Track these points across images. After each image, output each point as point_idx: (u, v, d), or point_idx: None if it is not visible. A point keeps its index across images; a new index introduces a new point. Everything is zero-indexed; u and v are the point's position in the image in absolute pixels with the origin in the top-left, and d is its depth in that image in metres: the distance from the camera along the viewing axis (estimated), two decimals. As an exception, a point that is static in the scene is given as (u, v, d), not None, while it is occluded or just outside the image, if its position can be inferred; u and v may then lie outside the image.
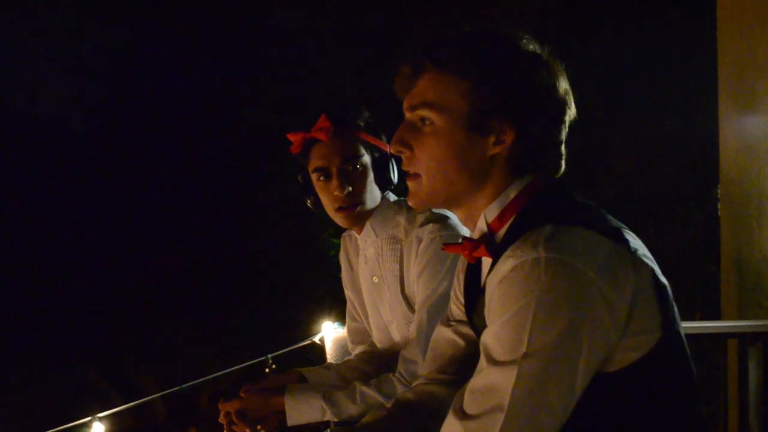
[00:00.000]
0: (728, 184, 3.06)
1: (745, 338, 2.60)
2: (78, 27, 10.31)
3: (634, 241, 1.25)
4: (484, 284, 1.32)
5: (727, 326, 2.76)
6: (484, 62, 1.29)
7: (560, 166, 1.37)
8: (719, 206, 3.26)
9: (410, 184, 1.37)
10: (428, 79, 1.32)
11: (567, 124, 1.36)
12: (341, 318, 2.90)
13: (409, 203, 1.39)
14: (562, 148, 1.36)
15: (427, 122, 1.32)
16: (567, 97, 1.34)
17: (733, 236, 3.01)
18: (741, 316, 2.91)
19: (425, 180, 1.34)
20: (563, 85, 1.33)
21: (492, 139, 1.30)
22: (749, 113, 2.91)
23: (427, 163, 1.32)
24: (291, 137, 2.05)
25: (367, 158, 2.03)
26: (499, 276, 1.21)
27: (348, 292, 2.30)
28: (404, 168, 1.38)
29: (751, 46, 2.89)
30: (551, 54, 1.34)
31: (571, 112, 1.36)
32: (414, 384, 1.68)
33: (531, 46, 1.32)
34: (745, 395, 2.61)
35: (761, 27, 2.85)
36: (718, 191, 3.25)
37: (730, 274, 3.02)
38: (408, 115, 1.35)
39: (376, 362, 2.18)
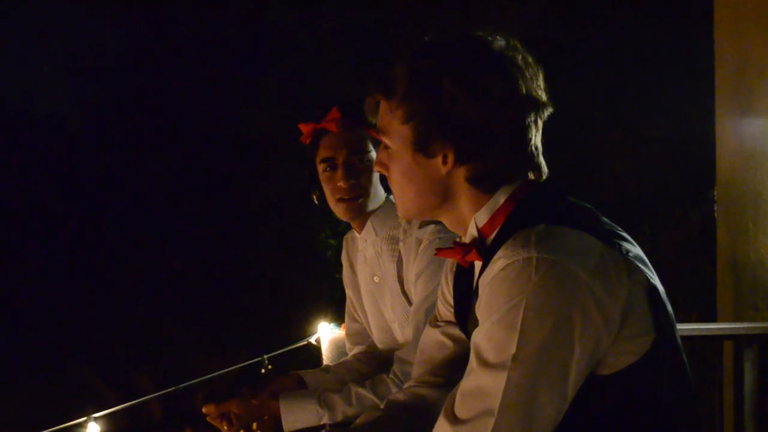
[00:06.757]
0: (725, 185, 3.06)
1: (740, 340, 2.61)
2: (75, 25, 10.30)
3: (628, 245, 1.23)
4: (477, 287, 1.31)
5: (723, 328, 2.75)
6: (416, 87, 1.28)
7: (539, 166, 1.32)
8: (716, 208, 3.26)
9: (393, 197, 1.43)
10: (382, 107, 1.36)
11: (535, 124, 1.29)
12: (337, 319, 2.90)
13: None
14: (532, 149, 1.30)
15: (388, 147, 1.36)
16: (526, 103, 1.27)
17: (729, 238, 3.01)
18: (737, 318, 2.91)
19: (397, 196, 1.39)
20: (519, 90, 1.26)
21: (440, 160, 1.30)
22: (746, 115, 2.91)
23: (394, 182, 1.39)
24: (302, 127, 2.07)
25: (374, 155, 2.03)
26: (490, 276, 1.20)
27: (349, 292, 2.30)
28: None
29: (748, 48, 2.90)
30: (511, 52, 1.28)
31: (543, 111, 1.30)
32: (405, 386, 1.68)
33: (477, 55, 1.27)
34: (740, 397, 2.62)
35: (758, 29, 2.85)
36: (715, 193, 3.25)
37: (726, 276, 3.02)
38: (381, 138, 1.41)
39: (374, 363, 2.17)
